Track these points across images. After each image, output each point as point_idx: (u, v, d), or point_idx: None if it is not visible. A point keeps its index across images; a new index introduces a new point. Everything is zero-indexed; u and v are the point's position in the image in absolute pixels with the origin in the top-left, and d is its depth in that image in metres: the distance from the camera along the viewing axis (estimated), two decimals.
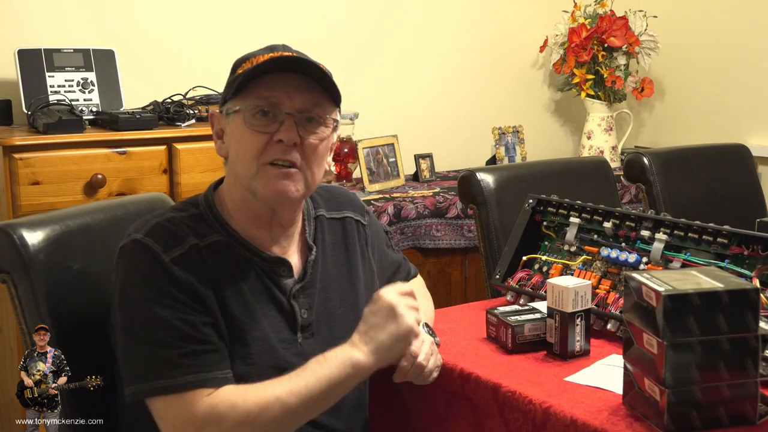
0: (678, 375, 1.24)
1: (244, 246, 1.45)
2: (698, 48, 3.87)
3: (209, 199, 1.48)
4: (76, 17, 2.93)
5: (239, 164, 1.42)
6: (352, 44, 3.50)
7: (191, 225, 1.42)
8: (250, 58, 1.44)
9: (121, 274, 1.39)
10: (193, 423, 1.31)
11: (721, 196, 2.73)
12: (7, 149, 2.42)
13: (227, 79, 1.47)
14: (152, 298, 1.34)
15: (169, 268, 1.36)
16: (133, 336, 1.35)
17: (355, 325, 1.49)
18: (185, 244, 1.39)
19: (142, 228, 1.40)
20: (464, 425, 1.54)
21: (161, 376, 1.32)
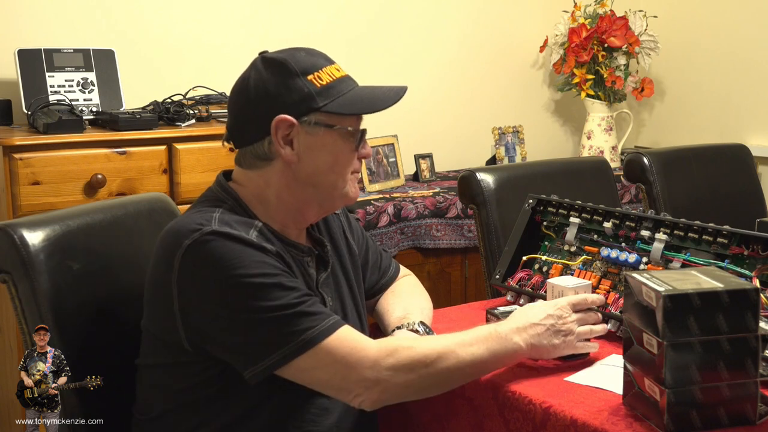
0: (678, 375, 1.24)
1: (276, 236, 1.47)
2: (698, 48, 3.87)
3: (234, 194, 1.49)
4: (76, 17, 2.93)
5: (333, 176, 1.49)
6: (352, 44, 3.50)
7: (238, 215, 1.45)
8: (321, 68, 1.48)
9: (206, 266, 1.36)
10: (368, 357, 1.36)
11: (721, 196, 2.73)
12: (7, 149, 2.42)
13: (296, 86, 1.45)
14: (259, 272, 1.36)
15: (260, 244, 1.39)
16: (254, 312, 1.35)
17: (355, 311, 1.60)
18: (254, 226, 1.43)
19: (208, 222, 1.39)
20: (464, 425, 1.54)
21: (306, 328, 1.35)
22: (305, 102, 1.45)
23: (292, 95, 1.45)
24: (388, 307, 1.70)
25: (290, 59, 1.47)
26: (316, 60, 1.49)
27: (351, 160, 1.50)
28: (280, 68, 1.46)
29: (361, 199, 3.08)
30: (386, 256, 1.81)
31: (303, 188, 1.49)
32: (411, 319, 1.61)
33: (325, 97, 1.45)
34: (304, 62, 1.47)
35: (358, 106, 1.48)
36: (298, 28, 3.36)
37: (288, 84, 1.45)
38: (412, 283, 1.81)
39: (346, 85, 1.49)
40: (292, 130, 1.45)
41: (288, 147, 1.46)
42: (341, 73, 1.50)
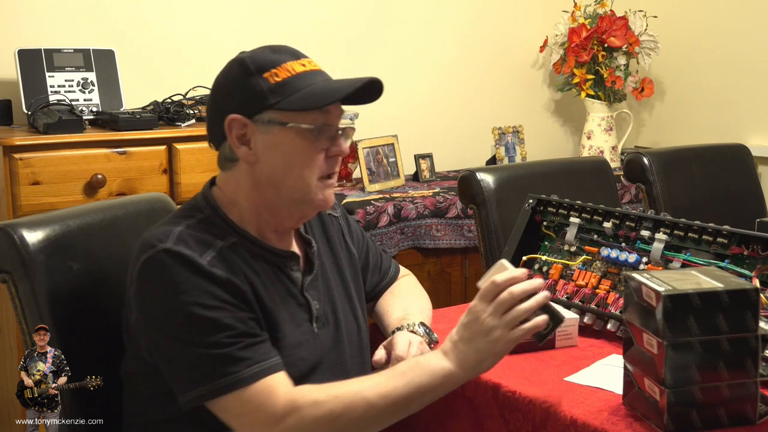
0: (678, 375, 1.24)
1: (256, 244, 1.45)
2: (698, 48, 3.87)
3: (211, 202, 1.47)
4: (76, 17, 2.93)
5: (292, 178, 1.42)
6: (352, 44, 3.50)
7: (207, 229, 1.42)
8: (280, 64, 1.43)
9: (155, 285, 1.36)
10: (273, 415, 1.31)
11: (721, 196, 2.73)
12: (7, 149, 2.42)
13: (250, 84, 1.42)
14: (198, 302, 1.33)
15: (209, 270, 1.35)
16: (185, 343, 1.33)
17: (351, 313, 1.58)
18: (214, 246, 1.39)
19: (166, 238, 1.37)
20: (464, 425, 1.54)
21: (226, 373, 1.32)
22: (257, 100, 1.41)
23: (245, 93, 1.42)
24: (388, 308, 1.69)
25: (249, 57, 1.44)
26: (278, 56, 1.44)
27: (312, 160, 1.42)
28: (238, 67, 1.44)
29: (361, 199, 3.08)
30: (386, 258, 1.80)
31: (267, 191, 1.44)
32: (410, 320, 1.61)
33: (278, 94, 1.40)
34: (263, 59, 1.43)
35: (311, 101, 1.40)
36: (298, 28, 3.36)
37: (242, 82, 1.42)
38: (411, 282, 1.81)
39: (305, 81, 1.43)
40: (247, 129, 1.42)
41: (245, 147, 1.42)
42: (305, 68, 1.45)
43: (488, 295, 1.36)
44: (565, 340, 1.63)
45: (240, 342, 1.33)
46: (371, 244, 1.76)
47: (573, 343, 1.63)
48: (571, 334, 1.63)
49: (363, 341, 1.61)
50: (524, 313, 1.34)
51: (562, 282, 1.76)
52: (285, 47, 1.48)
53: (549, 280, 1.79)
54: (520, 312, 1.34)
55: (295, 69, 1.43)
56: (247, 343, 1.34)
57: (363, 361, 1.59)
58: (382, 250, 1.82)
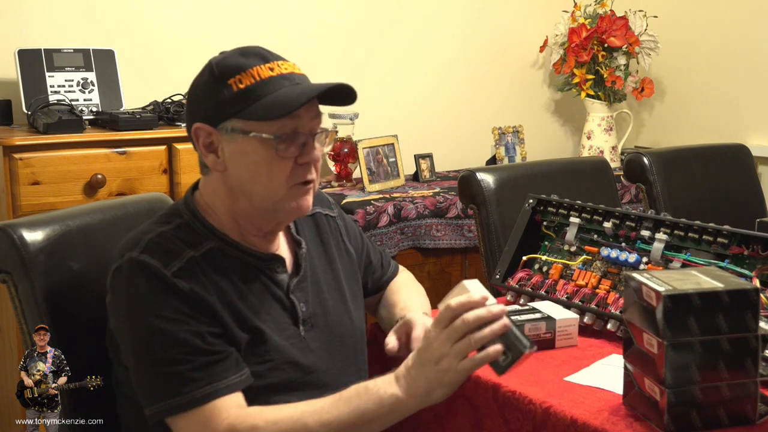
0: (678, 375, 1.24)
1: (237, 248, 1.44)
2: (698, 48, 3.87)
3: (191, 207, 1.45)
4: (76, 17, 2.93)
5: (259, 187, 1.40)
6: (352, 44, 3.50)
7: (182, 236, 1.41)
8: (246, 70, 1.38)
9: (121, 295, 1.38)
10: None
11: (721, 196, 2.73)
12: (7, 149, 2.42)
13: (214, 90, 1.39)
14: (156, 313, 1.33)
15: (172, 281, 1.34)
16: (144, 357, 1.34)
17: (345, 314, 1.56)
18: (183, 256, 1.38)
19: (134, 246, 1.38)
20: (464, 425, 1.54)
21: (177, 393, 1.32)
22: (220, 108, 1.38)
23: (210, 101, 1.39)
24: (393, 302, 1.70)
25: (217, 62, 1.41)
26: (246, 60, 1.40)
27: (278, 168, 1.38)
28: (206, 72, 1.42)
29: (361, 199, 3.08)
30: (385, 255, 1.80)
31: (239, 198, 1.42)
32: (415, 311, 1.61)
33: (240, 102, 1.37)
34: (229, 64, 1.40)
35: (270, 110, 1.36)
36: (298, 29, 3.36)
37: (208, 89, 1.40)
38: (409, 279, 1.81)
39: (269, 87, 1.38)
40: (213, 137, 1.40)
41: (212, 155, 1.41)
42: (272, 73, 1.39)
43: (442, 321, 1.29)
44: (565, 340, 1.63)
45: (194, 361, 1.32)
46: (369, 243, 1.75)
47: (573, 343, 1.63)
48: (571, 334, 1.63)
49: (357, 343, 1.59)
50: (476, 342, 1.25)
51: (562, 282, 1.76)
52: (256, 49, 1.44)
53: (549, 280, 1.79)
54: (472, 342, 1.26)
55: (261, 74, 1.39)
56: (202, 363, 1.33)
57: (358, 363, 1.58)
58: (381, 249, 1.81)
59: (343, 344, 1.54)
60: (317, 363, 1.48)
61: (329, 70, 3.44)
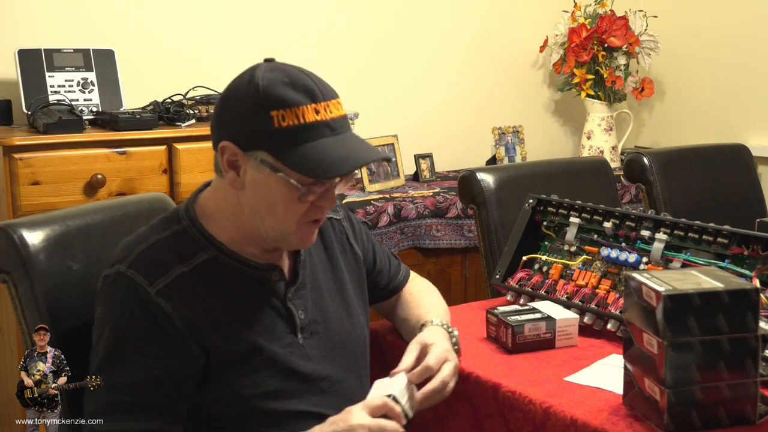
0: (678, 375, 1.24)
1: (233, 258, 1.43)
2: (698, 48, 3.87)
3: (191, 214, 1.44)
4: (76, 17, 2.93)
5: (272, 219, 1.39)
6: (352, 44, 3.50)
7: (176, 247, 1.40)
8: (292, 107, 1.34)
9: (101, 304, 1.39)
10: None
11: (721, 196, 2.73)
12: (7, 149, 2.42)
13: (254, 117, 1.34)
14: (127, 335, 1.34)
15: (154, 301, 1.34)
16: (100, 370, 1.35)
17: (346, 320, 1.54)
18: (171, 273, 1.37)
19: (125, 257, 1.37)
20: (464, 425, 1.54)
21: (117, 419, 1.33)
22: (256, 138, 1.35)
23: (246, 125, 1.35)
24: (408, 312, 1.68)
25: (264, 86, 1.34)
26: (294, 96, 1.34)
27: (296, 208, 1.38)
28: (251, 90, 1.35)
29: (361, 199, 3.08)
30: (395, 260, 1.76)
31: (248, 216, 1.41)
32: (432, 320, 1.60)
33: (278, 140, 1.33)
34: (277, 94, 1.34)
35: (306, 166, 1.33)
36: (298, 29, 3.36)
37: (247, 111, 1.35)
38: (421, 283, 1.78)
39: (309, 134, 1.34)
40: (239, 158, 1.37)
41: (233, 171, 1.38)
42: (317, 117, 1.35)
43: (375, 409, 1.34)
44: (565, 340, 1.63)
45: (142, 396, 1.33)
46: (377, 246, 1.72)
47: (573, 343, 1.63)
48: (571, 334, 1.63)
49: (359, 349, 1.57)
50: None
51: (562, 282, 1.77)
52: (306, 82, 1.37)
53: (549, 280, 1.79)
54: None
55: (306, 117, 1.34)
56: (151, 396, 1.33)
57: (359, 369, 1.57)
58: (391, 253, 1.78)
59: (344, 350, 1.53)
60: (317, 370, 1.46)
61: (330, 70, 3.43)
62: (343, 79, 3.50)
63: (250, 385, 1.39)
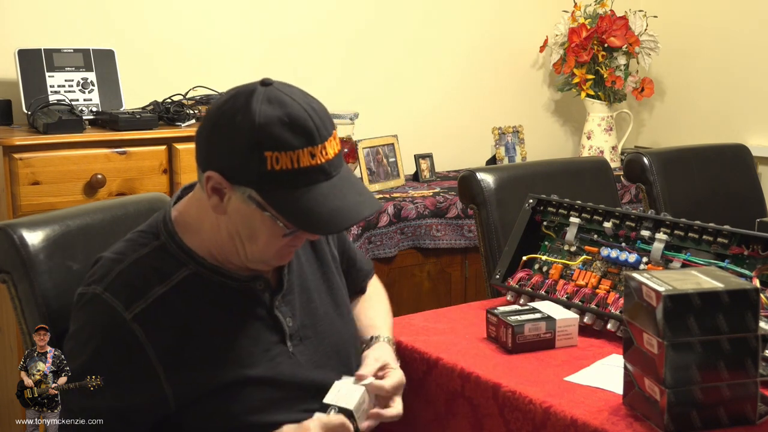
0: (678, 375, 1.24)
1: (215, 272, 1.40)
2: (698, 48, 3.87)
3: (169, 227, 1.40)
4: (76, 17, 2.93)
5: (253, 247, 1.36)
6: (353, 44, 3.50)
7: (154, 264, 1.37)
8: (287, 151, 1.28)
9: (75, 326, 1.37)
10: None
11: (721, 196, 2.73)
12: (7, 149, 2.42)
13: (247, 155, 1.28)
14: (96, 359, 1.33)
15: (130, 327, 1.33)
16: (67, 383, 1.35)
17: (337, 320, 1.53)
18: (149, 296, 1.34)
19: (102, 278, 1.36)
20: (464, 425, 1.54)
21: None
22: (245, 175, 1.30)
23: (238, 160, 1.30)
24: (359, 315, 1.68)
25: (262, 124, 1.28)
26: (290, 138, 1.28)
27: (279, 242, 1.36)
28: (249, 126, 1.28)
29: None
30: (361, 253, 1.77)
31: (227, 239, 1.37)
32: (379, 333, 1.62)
33: (268, 182, 1.29)
34: (274, 135, 1.28)
35: (293, 215, 1.31)
36: (297, 28, 3.36)
37: (242, 148, 1.29)
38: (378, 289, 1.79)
39: (303, 179, 1.30)
40: (224, 188, 1.33)
41: (216, 197, 1.33)
42: (312, 162, 1.30)
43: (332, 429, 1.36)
44: (565, 340, 1.63)
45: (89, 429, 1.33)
46: (348, 242, 1.71)
47: (573, 343, 1.63)
48: (571, 334, 1.64)
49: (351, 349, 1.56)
50: None
51: (562, 282, 1.77)
52: (307, 125, 1.30)
53: (549, 280, 1.79)
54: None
55: (301, 162, 1.29)
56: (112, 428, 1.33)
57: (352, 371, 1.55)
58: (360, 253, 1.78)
59: (337, 353, 1.51)
60: (308, 377, 1.44)
61: (330, 70, 3.44)
62: (343, 79, 3.51)
63: (237, 403, 1.37)
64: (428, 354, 1.62)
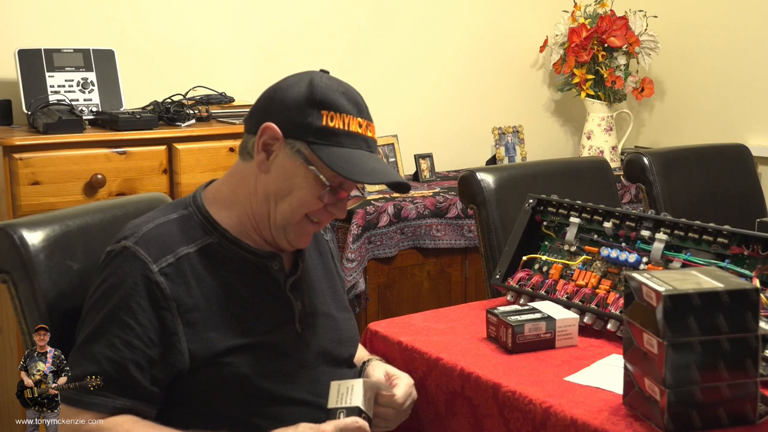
0: (678, 375, 1.24)
1: (236, 244, 1.47)
2: (698, 48, 3.87)
3: (198, 200, 1.49)
4: (76, 17, 2.93)
5: (284, 206, 1.44)
6: (353, 44, 3.50)
7: (181, 229, 1.44)
8: (341, 113, 1.43)
9: (102, 276, 1.40)
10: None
11: (721, 196, 2.73)
12: (7, 149, 2.42)
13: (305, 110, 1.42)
14: (126, 304, 1.36)
15: (156, 279, 1.38)
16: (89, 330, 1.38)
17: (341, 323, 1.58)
18: (176, 253, 1.41)
19: (132, 234, 1.41)
20: (464, 425, 1.54)
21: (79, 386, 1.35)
22: (300, 128, 1.43)
23: (295, 116, 1.43)
24: None
25: (320, 87, 1.44)
26: (345, 104, 1.45)
27: (310, 202, 1.44)
28: (309, 89, 1.44)
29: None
30: None
31: (261, 200, 1.46)
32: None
33: (319, 136, 1.42)
34: (331, 98, 1.44)
35: (343, 167, 1.41)
36: (298, 29, 3.36)
37: (301, 104, 1.43)
38: None
39: (352, 142, 1.44)
40: (276, 143, 1.43)
41: (264, 154, 1.44)
42: (359, 130, 1.45)
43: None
44: (565, 340, 1.63)
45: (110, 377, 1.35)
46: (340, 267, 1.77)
47: (573, 343, 1.63)
48: (571, 334, 1.64)
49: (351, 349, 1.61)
50: None
51: (562, 282, 1.76)
52: (357, 98, 1.48)
53: (549, 280, 1.79)
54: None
55: (351, 126, 1.44)
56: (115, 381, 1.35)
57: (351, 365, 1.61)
58: None
59: (338, 347, 1.57)
60: (312, 360, 1.50)
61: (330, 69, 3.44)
62: (342, 79, 3.50)
63: (247, 367, 1.41)
64: (428, 354, 1.62)
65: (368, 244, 2.95)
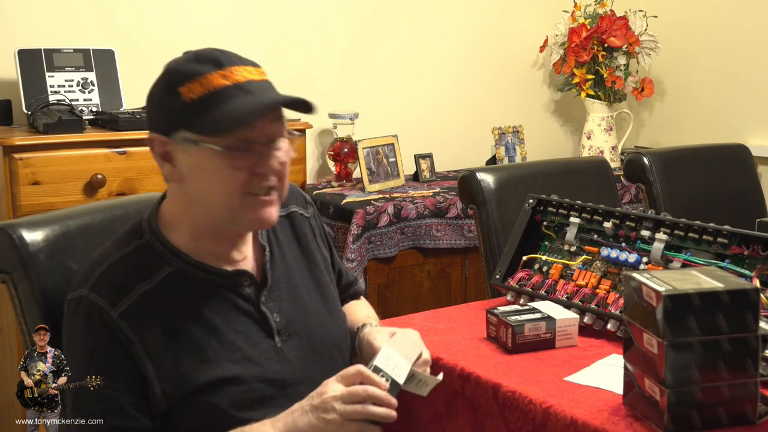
0: (678, 375, 1.24)
1: (199, 268, 1.40)
2: (698, 48, 3.87)
3: (153, 225, 1.42)
4: (76, 17, 2.93)
5: (215, 197, 1.35)
6: (353, 44, 3.50)
7: (137, 263, 1.38)
8: (197, 78, 1.33)
9: (68, 335, 1.38)
10: None
11: (721, 196, 2.73)
12: (7, 149, 2.42)
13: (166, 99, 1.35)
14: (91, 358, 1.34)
15: (117, 325, 1.33)
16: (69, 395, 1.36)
17: (326, 316, 1.52)
18: (133, 293, 1.35)
19: (86, 280, 1.36)
20: (464, 425, 1.54)
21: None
22: (171, 119, 1.35)
23: (161, 110, 1.36)
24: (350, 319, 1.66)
25: (170, 68, 1.37)
26: (198, 67, 1.34)
27: (233, 178, 1.33)
28: (161, 79, 1.37)
29: (361, 199, 3.08)
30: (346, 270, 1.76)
31: (198, 209, 1.38)
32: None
33: (189, 113, 1.32)
34: (180, 71, 1.35)
35: (216, 126, 1.30)
36: (297, 29, 3.36)
37: (161, 97, 1.36)
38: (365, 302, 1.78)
39: (221, 97, 1.32)
40: (168, 147, 1.36)
41: (168, 164, 1.37)
42: (224, 82, 1.33)
43: (348, 378, 1.33)
44: (565, 340, 1.63)
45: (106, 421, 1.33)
46: (336, 257, 1.71)
47: (573, 343, 1.63)
48: (571, 334, 1.64)
49: (341, 344, 1.55)
50: (368, 415, 1.30)
51: (562, 282, 1.77)
52: (212, 53, 1.38)
53: (549, 280, 1.79)
54: (364, 412, 1.30)
55: (214, 83, 1.33)
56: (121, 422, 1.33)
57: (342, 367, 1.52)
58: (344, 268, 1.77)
59: (326, 348, 1.50)
60: (296, 374, 1.44)
61: (329, 70, 3.44)
62: (342, 79, 3.51)
63: (226, 400, 1.36)
64: None
65: (368, 244, 2.95)
